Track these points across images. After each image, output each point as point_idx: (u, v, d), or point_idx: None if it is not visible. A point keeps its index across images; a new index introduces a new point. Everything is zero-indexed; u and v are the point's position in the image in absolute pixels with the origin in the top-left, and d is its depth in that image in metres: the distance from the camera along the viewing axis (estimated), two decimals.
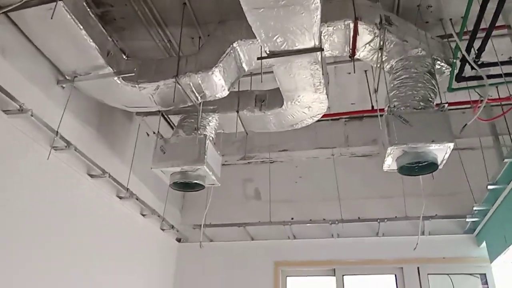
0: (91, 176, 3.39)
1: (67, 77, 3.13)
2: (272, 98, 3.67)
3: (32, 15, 2.61)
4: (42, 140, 2.89)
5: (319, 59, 2.79)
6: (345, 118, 5.09)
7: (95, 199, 3.50)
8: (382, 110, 3.11)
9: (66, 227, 3.13)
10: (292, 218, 4.70)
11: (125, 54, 3.34)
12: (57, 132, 2.92)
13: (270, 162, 5.09)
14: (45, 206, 2.93)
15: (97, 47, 2.88)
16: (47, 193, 2.96)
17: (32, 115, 2.67)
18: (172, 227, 4.69)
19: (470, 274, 4.25)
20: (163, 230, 4.61)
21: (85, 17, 2.77)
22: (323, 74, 2.99)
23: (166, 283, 4.71)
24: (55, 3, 2.50)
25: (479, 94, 3.12)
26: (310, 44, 2.63)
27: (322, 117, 3.77)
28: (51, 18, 2.46)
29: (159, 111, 3.64)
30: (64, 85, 3.16)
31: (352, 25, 2.97)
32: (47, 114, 2.92)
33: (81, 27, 2.70)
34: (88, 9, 2.82)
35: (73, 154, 3.12)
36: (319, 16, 2.41)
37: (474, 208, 3.78)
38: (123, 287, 3.83)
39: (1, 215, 2.53)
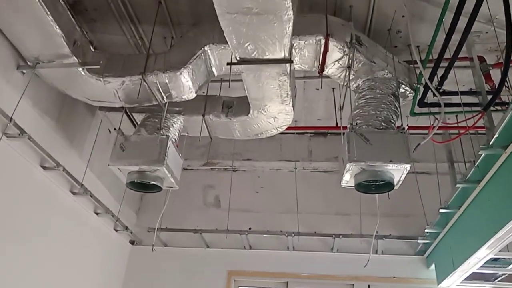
0: (44, 168, 3.26)
1: (29, 63, 3.01)
2: (239, 106, 3.67)
3: None
4: None
5: (288, 71, 2.82)
6: (310, 133, 5.17)
7: (46, 192, 3.36)
8: (345, 128, 3.17)
9: (11, 218, 2.97)
10: (250, 228, 4.67)
11: (93, 46, 3.25)
12: (11, 118, 2.79)
13: (233, 170, 5.06)
14: None
15: (63, 34, 2.79)
16: None
17: None
18: (126, 228, 4.56)
19: None
20: (116, 230, 4.47)
21: (53, 2, 2.69)
22: (290, 86, 3.01)
23: (116, 286, 4.56)
24: None
25: (434, 116, 3.23)
26: (280, 55, 2.66)
27: (287, 130, 3.80)
28: None
29: (122, 107, 3.56)
30: (24, 71, 3.03)
31: (323, 41, 3.02)
32: (2, 98, 2.80)
33: (48, 12, 2.61)
34: None
35: (27, 143, 2.98)
36: (291, 28, 2.43)
37: (426, 231, 3.89)
38: (69, 286, 3.67)
39: None
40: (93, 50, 3.19)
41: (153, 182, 3.27)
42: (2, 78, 2.86)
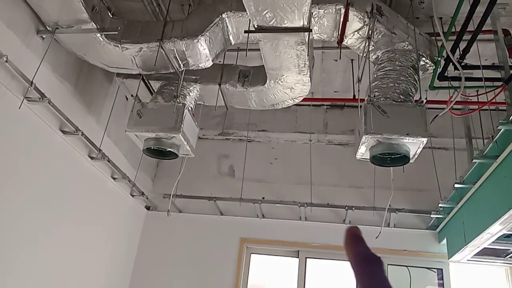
0: (64, 132, 3.33)
1: (48, 28, 3.03)
2: (255, 75, 3.65)
3: None
4: (15, 89, 2.81)
5: (306, 40, 2.78)
6: (327, 105, 5.13)
7: (66, 156, 3.44)
8: (363, 100, 3.13)
9: (33, 179, 3.07)
10: (263, 198, 4.74)
11: (111, 12, 3.24)
12: (31, 82, 2.84)
13: (248, 141, 5.09)
14: (11, 155, 2.86)
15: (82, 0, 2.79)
16: (15, 143, 2.89)
17: (6, 62, 2.58)
18: (142, 194, 4.67)
19: (428, 268, 4.39)
20: (132, 196, 4.58)
21: None
22: (308, 56, 2.97)
23: (131, 249, 4.72)
24: None
25: (455, 90, 3.15)
26: (299, 23, 2.62)
27: (303, 101, 3.78)
28: None
29: (139, 74, 3.57)
30: (44, 36, 3.06)
31: (343, 11, 2.96)
32: (23, 63, 2.83)
33: None
34: None
35: (47, 107, 3.04)
36: None
37: (440, 205, 3.88)
38: (87, 248, 3.81)
39: None
40: (111, 16, 3.19)
41: (169, 149, 3.32)
42: (23, 43, 2.90)
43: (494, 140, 2.80)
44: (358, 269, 0.47)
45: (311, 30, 2.71)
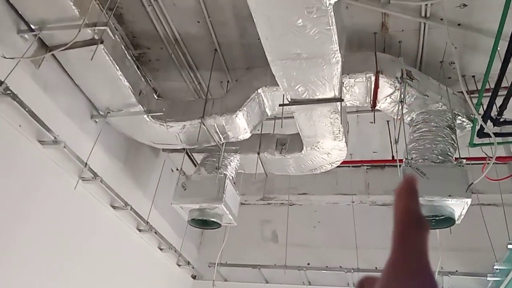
0: (114, 207, 3.53)
1: (101, 113, 3.34)
2: (292, 143, 3.77)
3: (75, 55, 2.84)
4: (72, 171, 3.06)
5: (339, 108, 2.89)
6: (367, 166, 5.11)
7: (116, 230, 3.62)
8: (401, 161, 3.15)
9: (86, 254, 3.24)
10: (308, 264, 4.66)
11: (156, 93, 3.54)
12: (86, 163, 3.09)
13: (289, 205, 5.11)
14: (69, 232, 3.06)
15: (130, 86, 3.08)
16: (71, 221, 3.10)
17: (64, 147, 2.85)
18: (188, 263, 4.73)
19: None
20: (179, 265, 4.65)
21: (122, 58, 3.00)
22: (342, 123, 3.08)
23: None
24: (96, 45, 2.72)
25: (486, 154, 3.11)
26: (330, 94, 2.75)
27: (343, 163, 3.82)
28: (91, 59, 2.67)
29: (184, 148, 3.79)
30: (97, 120, 3.37)
31: (373, 78, 3.08)
32: (79, 146, 3.11)
33: (117, 68, 2.91)
34: (126, 52, 3.05)
35: (99, 185, 3.27)
36: (339, 69, 2.53)
37: (495, 267, 3.67)
38: None
39: (28, 236, 2.67)
40: (156, 97, 3.48)
41: (212, 219, 3.42)
42: (78, 127, 3.20)
43: None
44: (402, 229, 0.39)
45: (342, 100, 2.83)
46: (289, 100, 2.85)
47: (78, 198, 3.17)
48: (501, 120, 3.28)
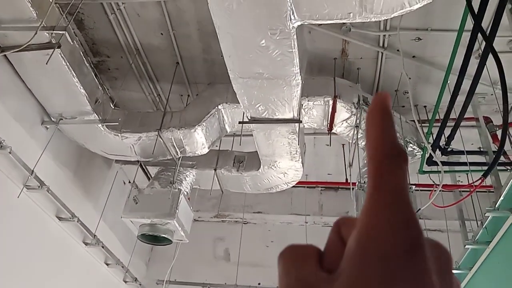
0: (60, 218, 3.36)
1: (53, 119, 3.20)
2: (250, 160, 3.78)
3: (30, 58, 2.73)
4: (16, 178, 2.90)
5: (297, 130, 2.94)
6: (321, 187, 5.20)
7: (60, 242, 3.44)
8: (354, 184, 3.22)
9: (26, 267, 3.05)
10: (259, 283, 4.62)
11: (113, 103, 3.44)
12: (32, 171, 2.93)
13: (243, 223, 5.08)
14: (9, 243, 2.87)
15: (86, 94, 2.99)
16: (13, 231, 2.91)
17: (10, 153, 2.70)
18: (136, 279, 4.56)
19: None
20: (125, 282, 4.47)
21: (79, 64, 2.91)
22: (299, 144, 3.12)
23: None
24: (53, 49, 2.62)
25: (433, 182, 3.26)
26: (289, 115, 2.79)
27: (298, 183, 3.87)
28: (46, 64, 2.56)
29: (138, 161, 3.69)
30: (48, 126, 3.22)
31: (331, 102, 3.16)
32: (26, 152, 2.96)
33: (74, 74, 2.82)
34: (84, 58, 2.96)
35: (45, 194, 3.11)
36: (299, 91, 2.58)
37: None
38: None
39: None
40: (113, 107, 3.39)
41: (163, 235, 3.33)
42: (27, 133, 3.04)
43: (484, 227, 2.84)
44: (377, 159, 0.33)
45: (301, 121, 2.88)
46: (249, 118, 2.87)
47: (21, 207, 2.99)
48: (449, 149, 3.47)
